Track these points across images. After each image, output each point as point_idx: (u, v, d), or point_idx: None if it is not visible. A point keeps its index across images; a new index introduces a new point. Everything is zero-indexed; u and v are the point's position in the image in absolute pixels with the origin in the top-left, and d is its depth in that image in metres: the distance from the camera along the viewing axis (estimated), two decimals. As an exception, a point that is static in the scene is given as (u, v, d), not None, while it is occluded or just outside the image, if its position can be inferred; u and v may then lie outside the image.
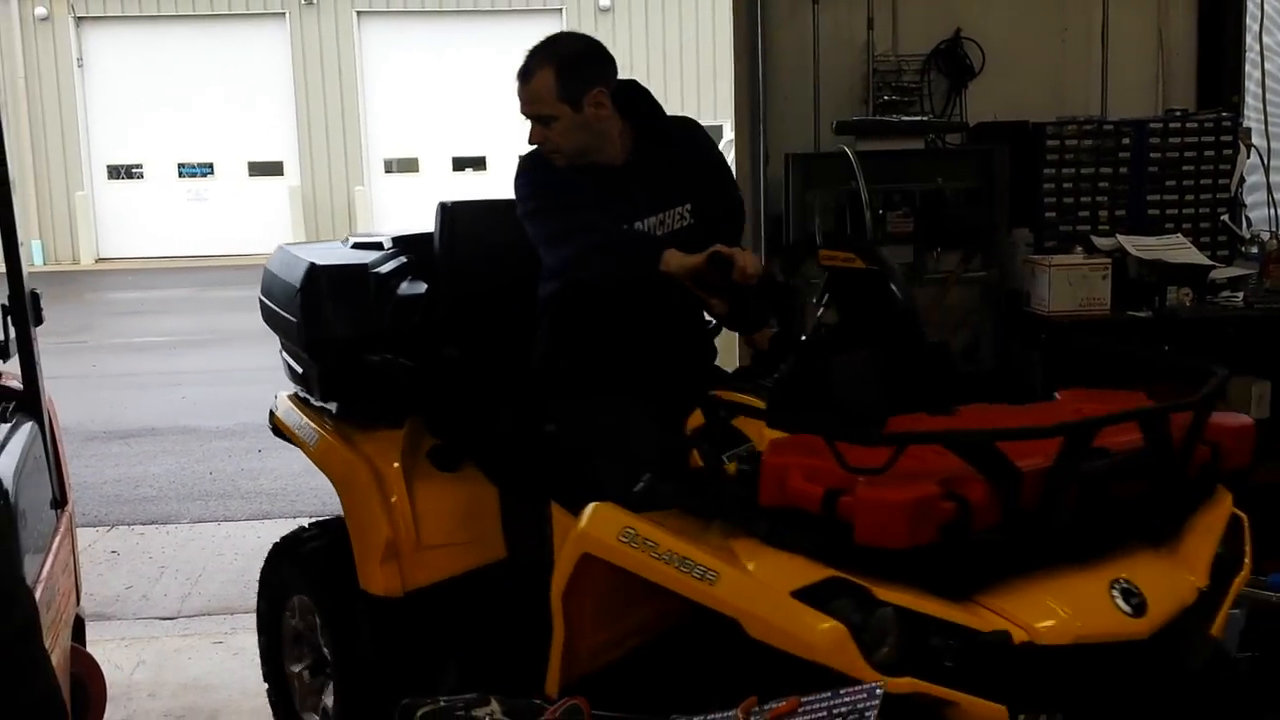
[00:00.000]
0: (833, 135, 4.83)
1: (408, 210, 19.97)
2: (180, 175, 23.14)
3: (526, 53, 3.14)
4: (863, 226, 4.51)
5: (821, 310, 2.73)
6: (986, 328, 4.81)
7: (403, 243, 3.66)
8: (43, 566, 3.22)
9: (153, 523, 6.61)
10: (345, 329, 3.37)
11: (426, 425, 3.44)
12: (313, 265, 3.43)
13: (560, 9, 22.51)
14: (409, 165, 23.28)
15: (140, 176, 23.10)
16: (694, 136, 3.32)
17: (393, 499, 3.31)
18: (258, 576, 3.89)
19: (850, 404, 2.46)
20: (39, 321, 3.65)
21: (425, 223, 3.62)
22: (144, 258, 21.88)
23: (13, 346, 3.57)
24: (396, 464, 3.35)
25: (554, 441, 3.21)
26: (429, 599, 3.30)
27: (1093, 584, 2.18)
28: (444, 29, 22.61)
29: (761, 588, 2.20)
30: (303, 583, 3.65)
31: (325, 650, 3.59)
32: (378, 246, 3.67)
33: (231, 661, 4.62)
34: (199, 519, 6.64)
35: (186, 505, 6.84)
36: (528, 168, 3.21)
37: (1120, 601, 2.16)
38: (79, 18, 22.24)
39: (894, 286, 2.61)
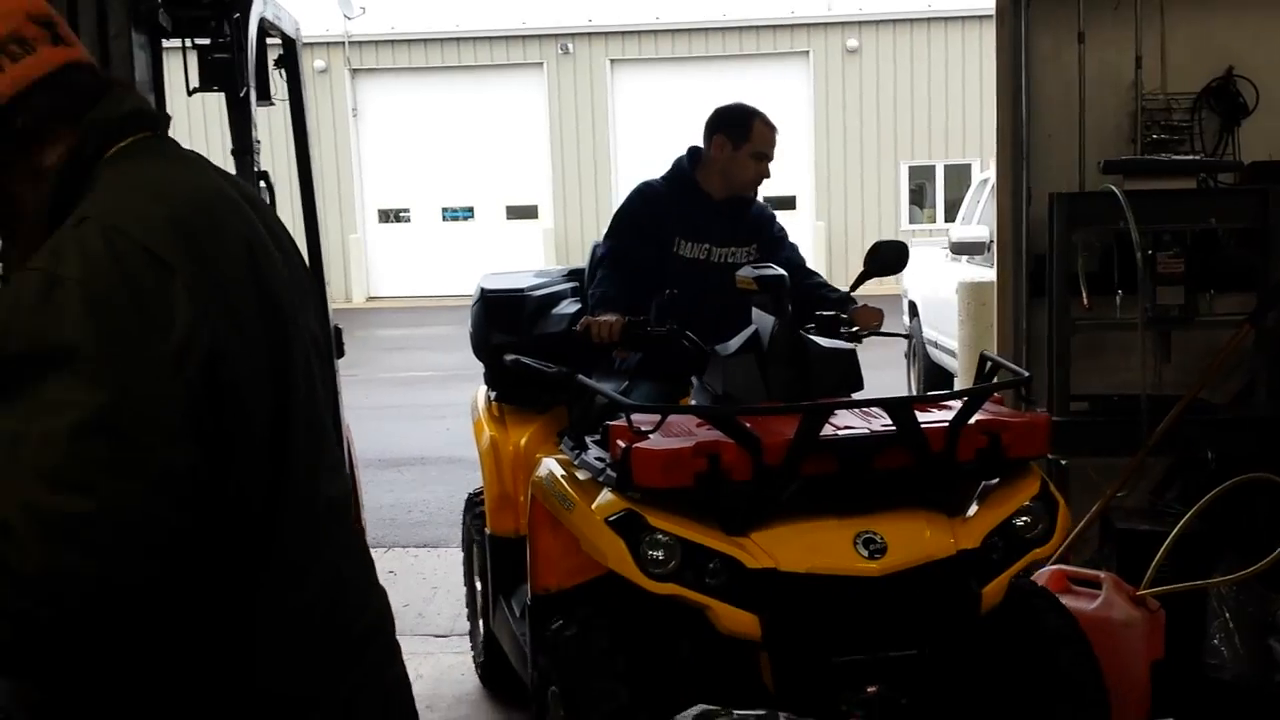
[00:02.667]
0: (1097, 174, 4.79)
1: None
2: (444, 219, 24.25)
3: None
4: (1133, 267, 4.46)
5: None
6: (1262, 373, 4.66)
7: (574, 273, 4.69)
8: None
9: (425, 545, 7.01)
10: (498, 337, 4.32)
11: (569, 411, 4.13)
12: (482, 290, 4.51)
13: (807, 50, 22.66)
14: (657, 207, 23.77)
15: (408, 220, 24.32)
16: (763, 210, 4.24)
17: (513, 464, 4.21)
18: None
19: (730, 392, 3.24)
20: (340, 354, 3.99)
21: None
22: (410, 296, 23.00)
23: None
24: (525, 439, 4.22)
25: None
26: None
27: (840, 532, 2.80)
28: (694, 75, 22.99)
29: (589, 515, 2.96)
30: (474, 528, 4.66)
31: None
32: (551, 275, 4.76)
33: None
34: (467, 544, 6.94)
35: (454, 531, 7.10)
36: (627, 201, 4.12)
37: (860, 547, 2.76)
38: (354, 70, 23.62)
39: (775, 307, 3.26)
